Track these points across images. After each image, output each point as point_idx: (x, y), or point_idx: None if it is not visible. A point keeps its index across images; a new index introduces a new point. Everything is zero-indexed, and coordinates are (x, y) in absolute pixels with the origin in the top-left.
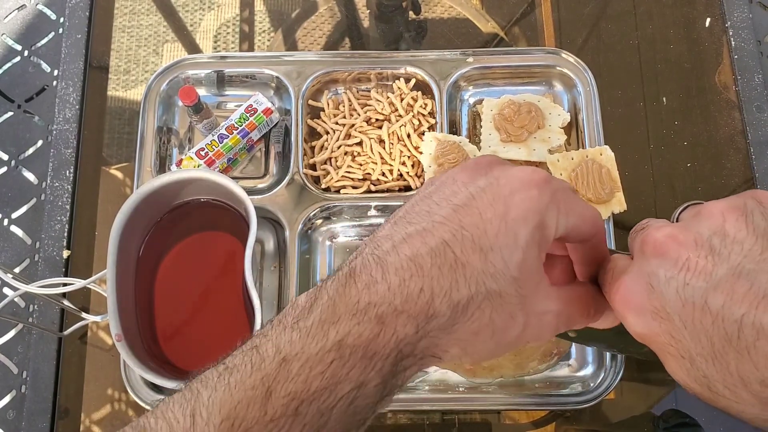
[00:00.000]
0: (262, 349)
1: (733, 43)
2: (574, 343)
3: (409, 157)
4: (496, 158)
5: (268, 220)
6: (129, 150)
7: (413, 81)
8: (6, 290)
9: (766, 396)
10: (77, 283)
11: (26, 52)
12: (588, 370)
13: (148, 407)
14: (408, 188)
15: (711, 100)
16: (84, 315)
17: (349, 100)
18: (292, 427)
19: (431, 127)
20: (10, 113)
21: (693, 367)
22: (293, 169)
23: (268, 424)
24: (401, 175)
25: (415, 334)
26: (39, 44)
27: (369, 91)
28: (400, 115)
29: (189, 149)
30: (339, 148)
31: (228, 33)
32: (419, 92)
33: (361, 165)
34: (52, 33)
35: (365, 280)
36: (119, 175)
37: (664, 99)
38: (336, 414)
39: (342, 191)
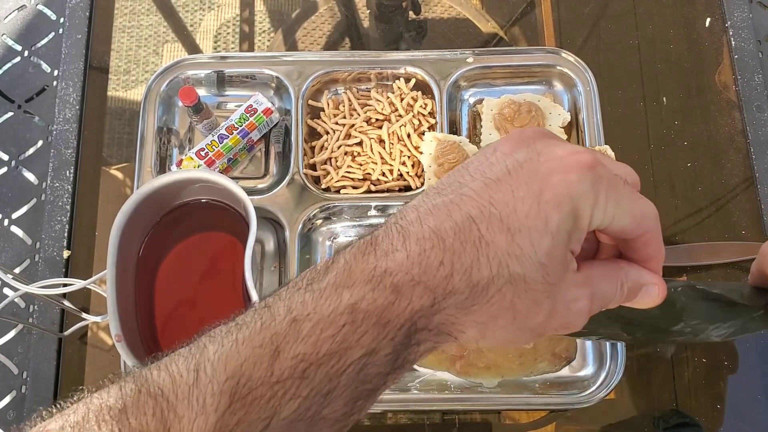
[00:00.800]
0: (274, 308)
1: (733, 42)
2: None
3: (409, 157)
4: (545, 131)
5: (268, 220)
6: (129, 150)
7: (413, 81)
8: (6, 291)
9: None
10: (77, 284)
11: (26, 53)
12: (588, 371)
13: None
14: (408, 188)
15: (711, 100)
16: (84, 315)
17: (349, 100)
18: (299, 389)
19: (431, 127)
20: (11, 113)
21: None
22: (293, 169)
23: (274, 386)
24: (401, 175)
25: (431, 307)
26: (39, 44)
27: (369, 91)
28: (400, 115)
29: (189, 149)
30: (339, 148)
31: (228, 33)
32: (419, 92)
33: (361, 165)
34: (52, 33)
35: (385, 248)
36: (119, 175)
37: (664, 99)
38: (345, 380)
39: (342, 191)
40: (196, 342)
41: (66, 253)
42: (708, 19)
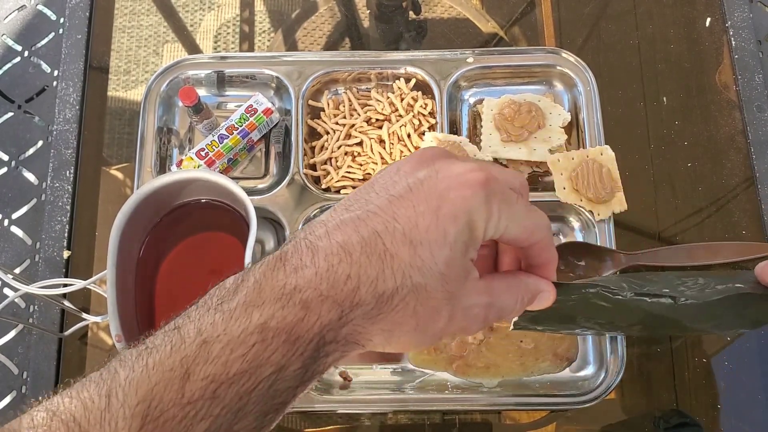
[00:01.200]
0: (184, 330)
1: (733, 42)
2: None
3: None
4: (443, 151)
5: (269, 220)
6: (129, 150)
7: (413, 81)
8: (6, 291)
9: None
10: (77, 284)
11: (26, 53)
12: (588, 371)
13: None
14: None
15: (711, 100)
16: (84, 315)
17: (349, 100)
18: (210, 409)
19: (431, 127)
20: (11, 114)
21: None
22: (293, 169)
23: (186, 407)
24: None
25: (339, 320)
26: (39, 45)
27: (369, 91)
28: (400, 115)
29: (189, 150)
30: (339, 148)
31: (228, 33)
32: (419, 92)
33: (361, 165)
34: (52, 33)
35: (294, 264)
36: (119, 175)
37: (665, 99)
38: (255, 397)
39: (342, 191)
40: (107, 367)
41: (66, 254)
42: (708, 19)
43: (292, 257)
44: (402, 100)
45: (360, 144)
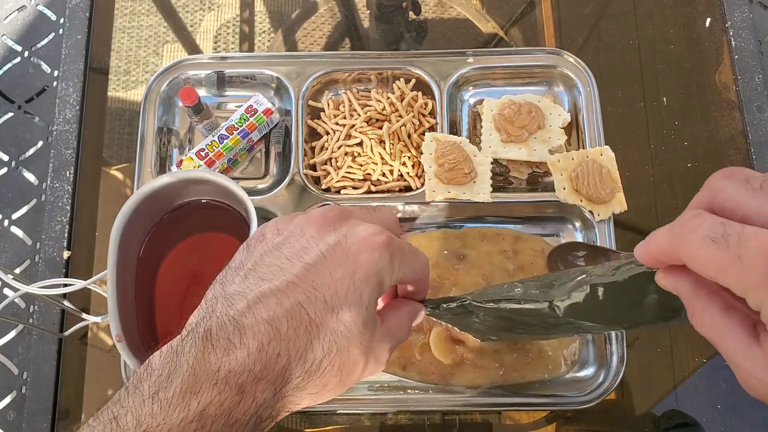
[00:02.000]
0: (122, 421)
1: (733, 43)
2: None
3: (409, 157)
4: (343, 212)
5: (269, 220)
6: (129, 150)
7: (413, 81)
8: (6, 291)
9: None
10: (77, 284)
11: (26, 53)
12: (589, 371)
13: None
14: (408, 188)
15: (711, 100)
16: (84, 316)
17: (350, 101)
18: None
19: (432, 128)
20: (11, 114)
21: None
22: (293, 169)
23: None
24: (401, 175)
25: (273, 397)
26: (39, 45)
27: (369, 92)
28: (400, 116)
29: (189, 150)
30: (339, 148)
31: (228, 33)
32: (419, 92)
33: (361, 165)
34: (53, 34)
35: (224, 345)
36: (119, 175)
37: (665, 99)
38: None
39: (342, 192)
40: None
41: (66, 254)
42: (708, 19)
43: (218, 337)
44: (402, 100)
45: (360, 144)
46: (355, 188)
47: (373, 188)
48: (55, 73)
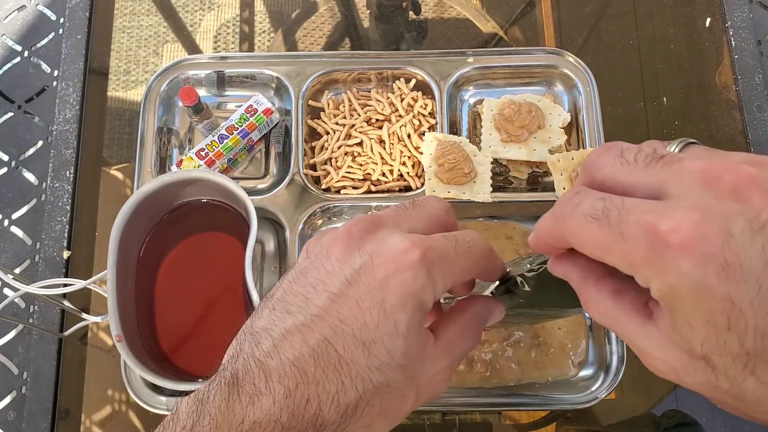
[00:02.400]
0: None
1: (733, 42)
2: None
3: (409, 157)
4: (370, 223)
5: (269, 220)
6: (129, 150)
7: (413, 81)
8: (6, 291)
9: None
10: (77, 284)
11: (26, 53)
12: (589, 371)
13: (148, 408)
14: (408, 188)
15: (711, 100)
16: (84, 316)
17: (350, 101)
18: None
19: (432, 128)
20: (10, 114)
21: (742, 348)
22: (293, 169)
23: None
24: (401, 175)
25: None
26: (39, 45)
27: (369, 92)
28: (400, 116)
29: (189, 150)
30: (339, 148)
31: (228, 33)
32: (419, 92)
33: (361, 165)
34: (52, 34)
35: (249, 392)
36: (119, 175)
37: (665, 99)
38: None
39: (342, 192)
40: None
41: (66, 254)
42: (708, 19)
43: (244, 382)
44: (402, 100)
45: (360, 144)
46: (355, 188)
47: (373, 188)
48: (55, 72)
